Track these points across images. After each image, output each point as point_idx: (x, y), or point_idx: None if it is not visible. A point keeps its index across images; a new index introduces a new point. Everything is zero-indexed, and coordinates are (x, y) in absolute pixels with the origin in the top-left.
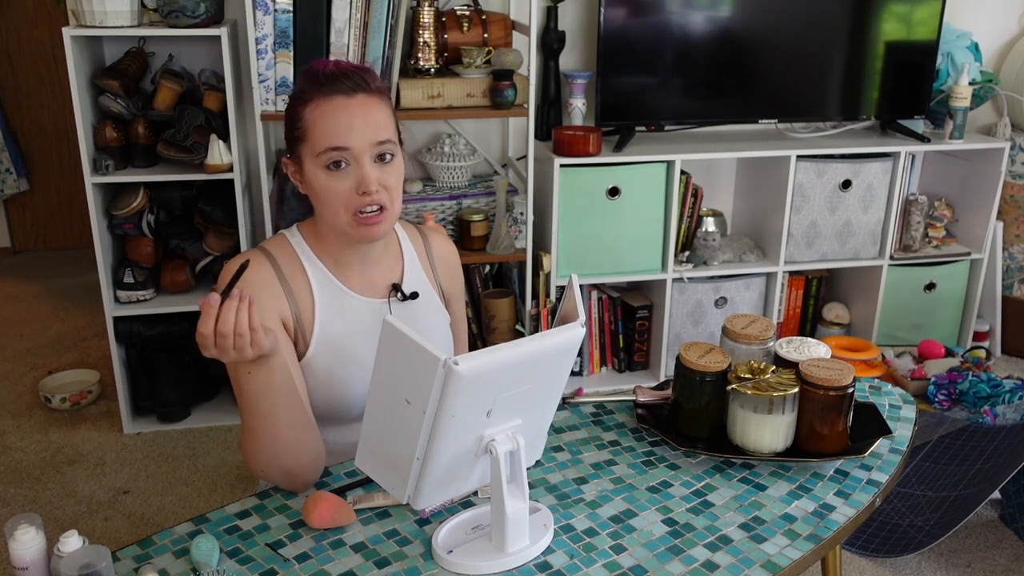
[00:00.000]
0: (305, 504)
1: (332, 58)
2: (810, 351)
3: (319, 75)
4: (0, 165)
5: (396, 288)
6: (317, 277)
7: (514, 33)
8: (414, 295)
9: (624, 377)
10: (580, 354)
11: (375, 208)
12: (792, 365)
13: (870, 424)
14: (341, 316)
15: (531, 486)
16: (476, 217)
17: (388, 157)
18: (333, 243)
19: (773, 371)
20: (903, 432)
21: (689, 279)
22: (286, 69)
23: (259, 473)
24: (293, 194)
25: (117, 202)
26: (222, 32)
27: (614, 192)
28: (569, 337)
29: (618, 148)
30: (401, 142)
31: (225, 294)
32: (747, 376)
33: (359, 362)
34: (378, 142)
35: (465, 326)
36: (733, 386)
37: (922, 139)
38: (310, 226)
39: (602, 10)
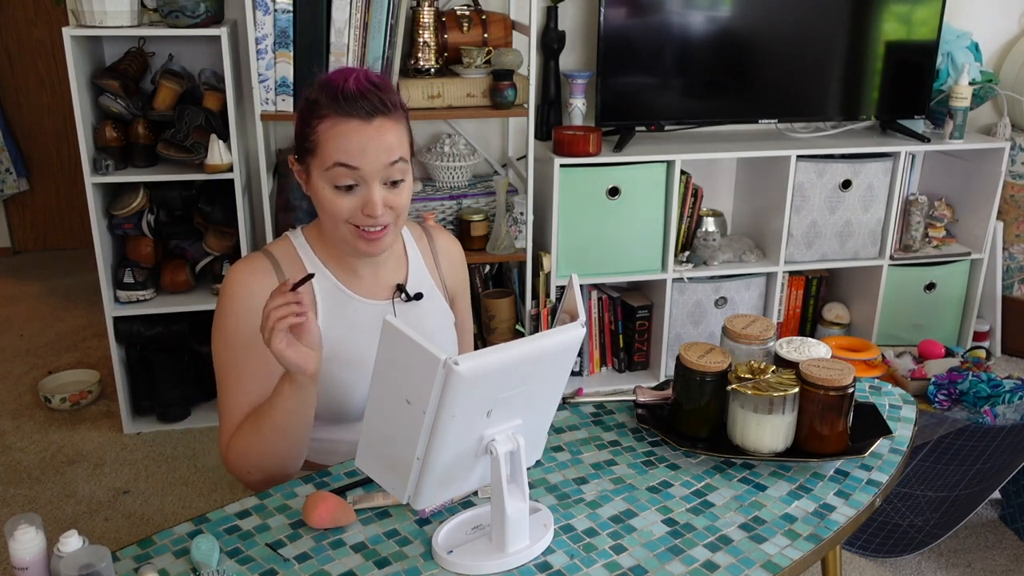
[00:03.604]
0: (305, 504)
1: (333, 57)
2: (810, 351)
3: (338, 92)
4: (0, 165)
5: (400, 289)
6: (320, 281)
7: (514, 33)
8: (418, 296)
9: (624, 377)
10: (580, 354)
11: (378, 227)
12: (792, 365)
13: (870, 424)
14: (344, 319)
15: (531, 486)
16: (476, 217)
17: (398, 177)
18: (337, 247)
19: (773, 371)
20: (903, 432)
21: (689, 279)
22: (286, 69)
23: (238, 470)
24: (302, 194)
25: (117, 202)
26: (222, 32)
27: (614, 192)
28: (569, 337)
29: (618, 148)
30: (413, 153)
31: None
32: (747, 376)
33: (362, 364)
34: (390, 163)
35: (470, 324)
36: (733, 386)
37: (922, 139)
38: (315, 228)
39: (602, 10)
